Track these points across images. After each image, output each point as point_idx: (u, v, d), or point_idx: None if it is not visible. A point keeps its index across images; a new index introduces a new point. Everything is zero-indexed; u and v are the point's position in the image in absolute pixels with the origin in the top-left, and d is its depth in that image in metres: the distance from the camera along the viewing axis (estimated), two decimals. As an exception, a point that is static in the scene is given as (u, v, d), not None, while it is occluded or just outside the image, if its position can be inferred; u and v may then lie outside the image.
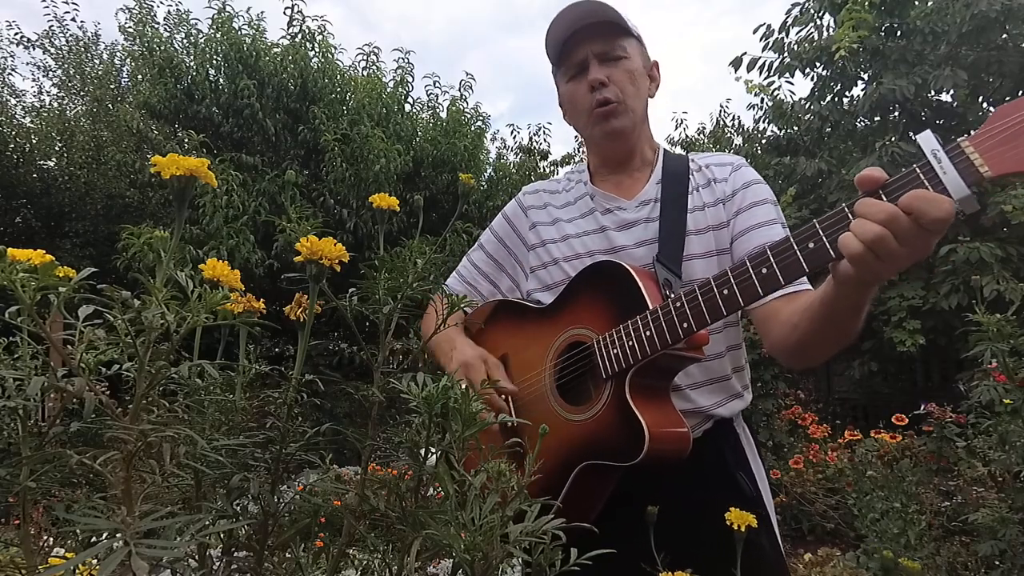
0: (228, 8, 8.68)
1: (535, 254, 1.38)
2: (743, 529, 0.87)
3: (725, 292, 0.98)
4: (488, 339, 1.35)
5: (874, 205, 0.82)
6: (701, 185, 1.30)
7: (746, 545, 0.87)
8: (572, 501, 1.10)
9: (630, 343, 1.07)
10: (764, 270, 0.94)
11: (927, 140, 0.81)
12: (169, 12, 9.08)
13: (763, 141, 9.52)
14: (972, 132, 0.81)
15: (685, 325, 1.02)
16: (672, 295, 1.12)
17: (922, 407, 3.75)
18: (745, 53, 7.83)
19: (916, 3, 7.33)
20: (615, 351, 1.08)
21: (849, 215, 0.86)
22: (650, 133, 1.39)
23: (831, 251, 0.87)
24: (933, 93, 6.97)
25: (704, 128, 12.27)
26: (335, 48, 9.22)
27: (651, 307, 1.07)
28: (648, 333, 1.05)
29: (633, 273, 1.12)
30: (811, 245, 0.89)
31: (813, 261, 0.89)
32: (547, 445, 1.14)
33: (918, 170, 0.82)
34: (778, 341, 1.13)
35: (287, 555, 0.75)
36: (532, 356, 1.24)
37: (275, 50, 8.78)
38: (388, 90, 9.34)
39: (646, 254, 1.25)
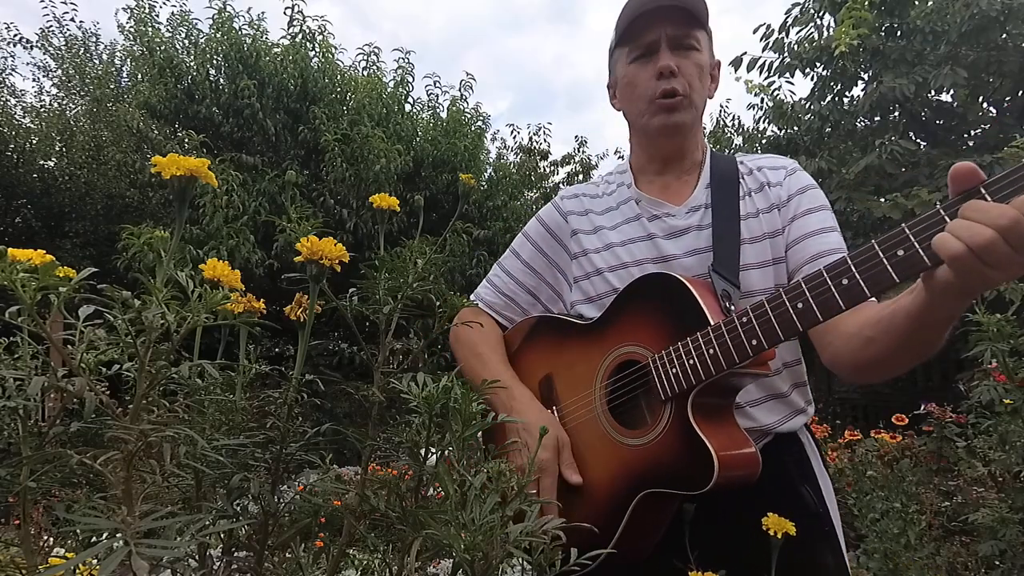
0: (228, 8, 8.69)
1: (577, 263, 1.28)
2: (780, 536, 0.83)
3: (799, 306, 0.89)
4: (530, 358, 1.28)
5: (986, 209, 0.73)
6: (753, 190, 1.23)
7: (810, 562, 0.81)
8: (633, 531, 1.04)
9: (691, 362, 0.98)
10: (845, 281, 0.85)
11: None
12: (173, 13, 9.08)
13: (763, 141, 9.51)
14: None
15: (755, 342, 0.93)
16: (733, 308, 1.05)
17: (922, 407, 3.74)
18: (745, 53, 7.84)
19: (916, 3, 7.33)
20: (675, 371, 1.00)
21: (945, 217, 0.77)
22: (702, 134, 1.32)
23: (925, 258, 0.79)
24: (933, 93, 6.98)
25: (704, 128, 12.24)
26: (335, 48, 9.24)
27: (713, 323, 0.99)
28: (712, 351, 0.96)
29: (689, 286, 1.04)
30: (900, 252, 0.81)
31: (904, 270, 0.81)
32: (603, 471, 1.08)
33: None
34: (845, 356, 1.04)
35: (287, 555, 0.75)
36: (579, 376, 1.16)
37: (275, 50, 8.79)
38: (388, 90, 9.35)
39: (697, 264, 1.17)
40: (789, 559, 0.85)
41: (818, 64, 7.69)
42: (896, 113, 7.58)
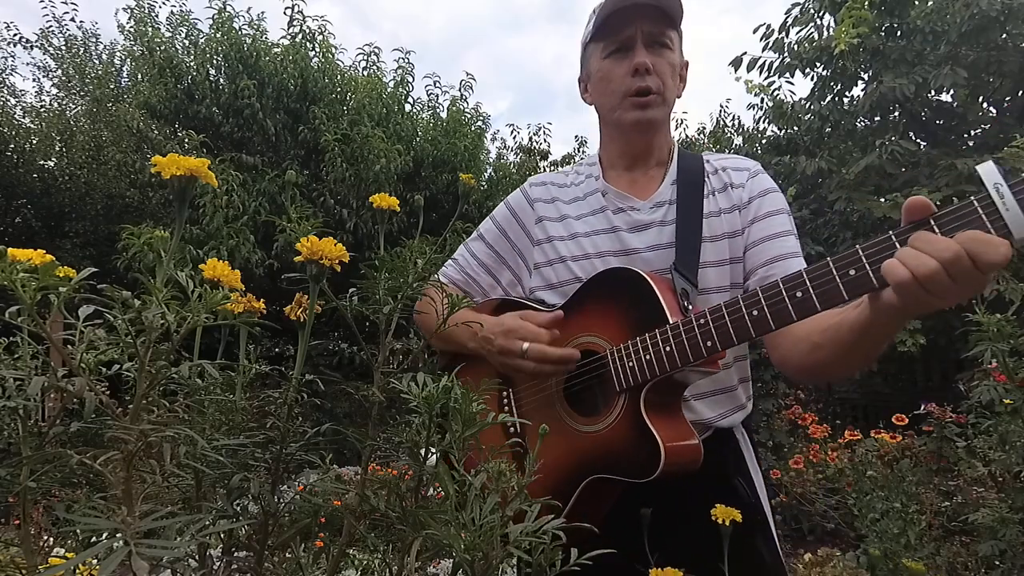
0: (228, 8, 8.69)
1: (540, 250, 1.32)
2: (728, 523, 0.88)
3: (755, 314, 0.94)
4: None
5: (933, 241, 0.77)
6: (717, 189, 1.26)
7: (744, 551, 0.87)
8: (577, 512, 1.05)
9: (647, 357, 1.03)
10: (799, 294, 0.90)
11: (989, 172, 0.76)
12: (172, 13, 9.08)
13: (763, 141, 9.51)
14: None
15: (709, 344, 0.98)
16: (691, 306, 1.09)
17: (922, 407, 3.75)
18: (745, 53, 7.83)
19: (916, 3, 7.33)
20: (631, 364, 1.05)
21: (896, 244, 0.82)
22: (670, 131, 1.35)
23: (874, 280, 0.84)
24: (933, 93, 6.97)
25: (704, 128, 12.26)
26: (335, 48, 9.23)
27: (671, 321, 1.04)
28: (668, 349, 1.02)
29: (652, 284, 1.08)
30: (852, 272, 0.85)
31: (853, 289, 0.85)
32: (553, 454, 1.12)
33: (976, 204, 0.77)
34: (792, 358, 1.10)
35: (287, 555, 0.75)
36: None
37: (275, 50, 8.77)
38: (388, 90, 9.34)
39: (657, 259, 1.21)
40: (722, 546, 0.89)
41: (818, 64, 7.68)
42: (896, 113, 7.57)
